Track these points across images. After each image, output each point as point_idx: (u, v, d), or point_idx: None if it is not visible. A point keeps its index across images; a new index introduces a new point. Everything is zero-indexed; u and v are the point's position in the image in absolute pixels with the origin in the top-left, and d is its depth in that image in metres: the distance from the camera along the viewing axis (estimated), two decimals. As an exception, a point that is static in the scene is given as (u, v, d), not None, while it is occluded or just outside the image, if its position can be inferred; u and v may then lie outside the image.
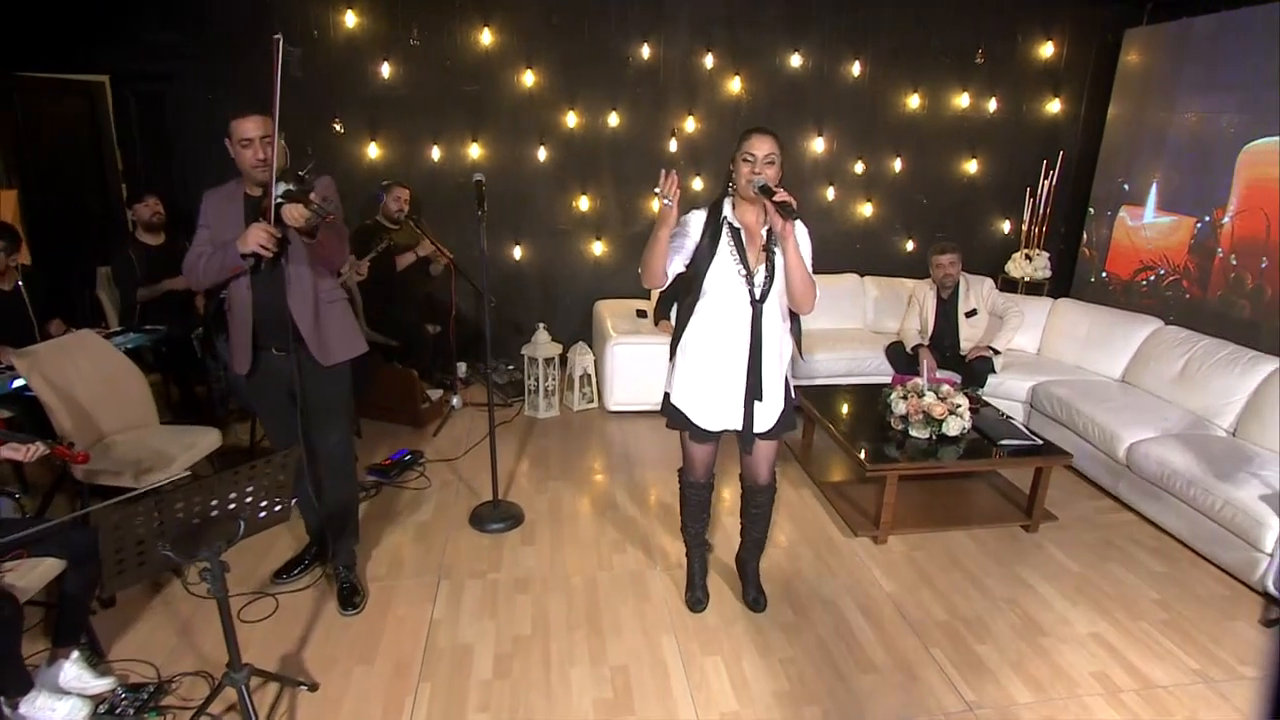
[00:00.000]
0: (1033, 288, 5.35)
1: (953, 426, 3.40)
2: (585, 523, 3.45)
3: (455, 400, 4.67)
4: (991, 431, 3.48)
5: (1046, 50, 5.19)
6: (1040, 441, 3.41)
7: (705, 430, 2.51)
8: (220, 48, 4.57)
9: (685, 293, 2.41)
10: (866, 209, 5.42)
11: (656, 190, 2.13)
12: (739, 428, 2.46)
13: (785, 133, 5.26)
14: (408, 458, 3.95)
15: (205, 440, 3.17)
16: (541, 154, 5.03)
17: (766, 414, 2.47)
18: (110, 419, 3.12)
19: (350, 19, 4.63)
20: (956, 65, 5.17)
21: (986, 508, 3.56)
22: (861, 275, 5.35)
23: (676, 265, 2.35)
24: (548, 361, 4.57)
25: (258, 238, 2.28)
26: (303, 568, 3.00)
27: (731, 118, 5.14)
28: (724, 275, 2.33)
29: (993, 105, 5.26)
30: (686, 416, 2.50)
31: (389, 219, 4.51)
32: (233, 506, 2.02)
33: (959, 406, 3.43)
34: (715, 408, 2.46)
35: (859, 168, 5.32)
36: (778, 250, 2.32)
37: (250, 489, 2.03)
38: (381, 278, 4.49)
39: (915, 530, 3.37)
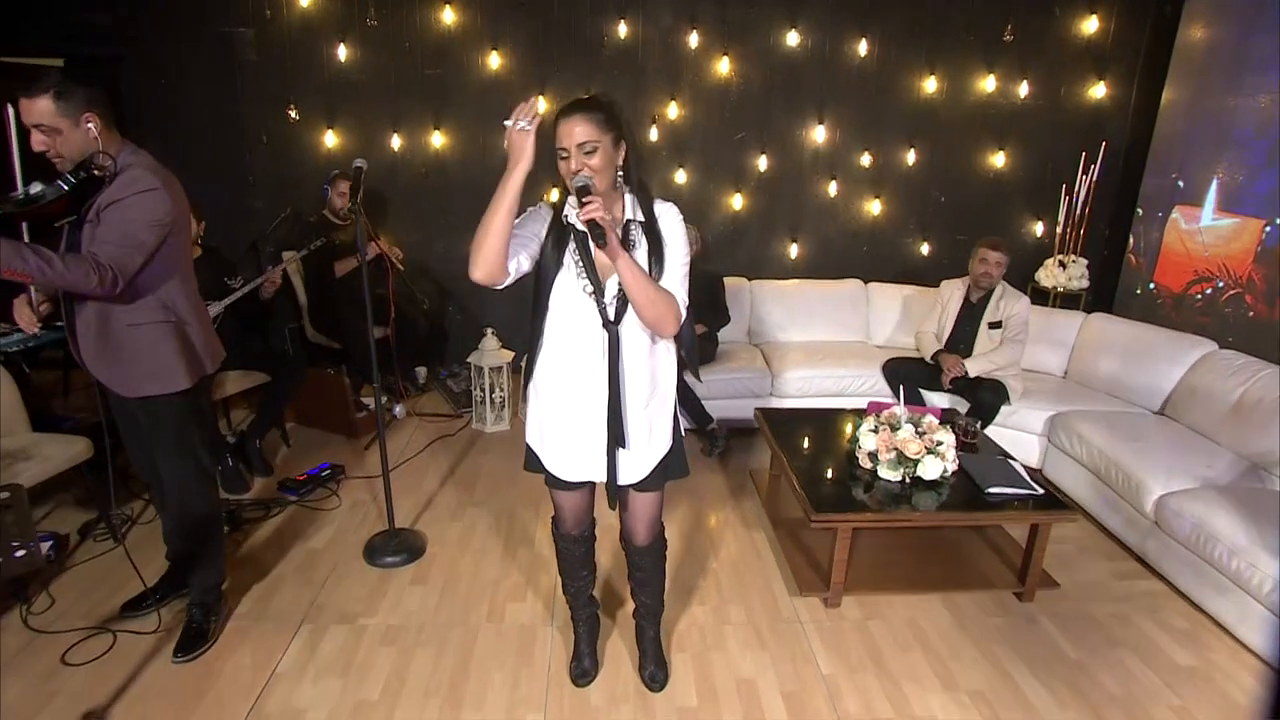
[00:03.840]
0: (1068, 300, 4.64)
1: (930, 469, 2.81)
2: (491, 560, 3.00)
3: (398, 409, 4.30)
4: (980, 475, 2.86)
5: (1090, 25, 4.47)
6: (1039, 491, 2.78)
7: (565, 481, 2.03)
8: (165, 30, 4.31)
9: (532, 311, 1.92)
10: (874, 207, 4.81)
11: (506, 121, 1.60)
12: (601, 480, 1.98)
13: (782, 120, 4.78)
14: (326, 473, 3.59)
15: (67, 451, 2.86)
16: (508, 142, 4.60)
17: (637, 462, 1.97)
18: (-33, 424, 2.85)
19: (303, -3, 4.32)
20: (981, 43, 4.51)
21: (973, 567, 2.94)
22: (866, 281, 4.74)
23: (523, 262, 1.79)
24: (495, 370, 4.14)
25: None
26: (155, 600, 2.64)
27: (720, 103, 4.61)
28: (569, 292, 1.85)
29: (1024, 90, 4.57)
30: (542, 463, 2.03)
31: (335, 215, 4.17)
32: (-60, 553, 1.65)
33: (940, 444, 2.84)
34: (574, 454, 1.98)
35: (865, 160, 4.71)
36: (636, 255, 1.82)
37: (-39, 532, 1.66)
38: (323, 278, 4.15)
39: (877, 591, 2.79)
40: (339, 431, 4.08)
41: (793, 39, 4.48)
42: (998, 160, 4.69)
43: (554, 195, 1.94)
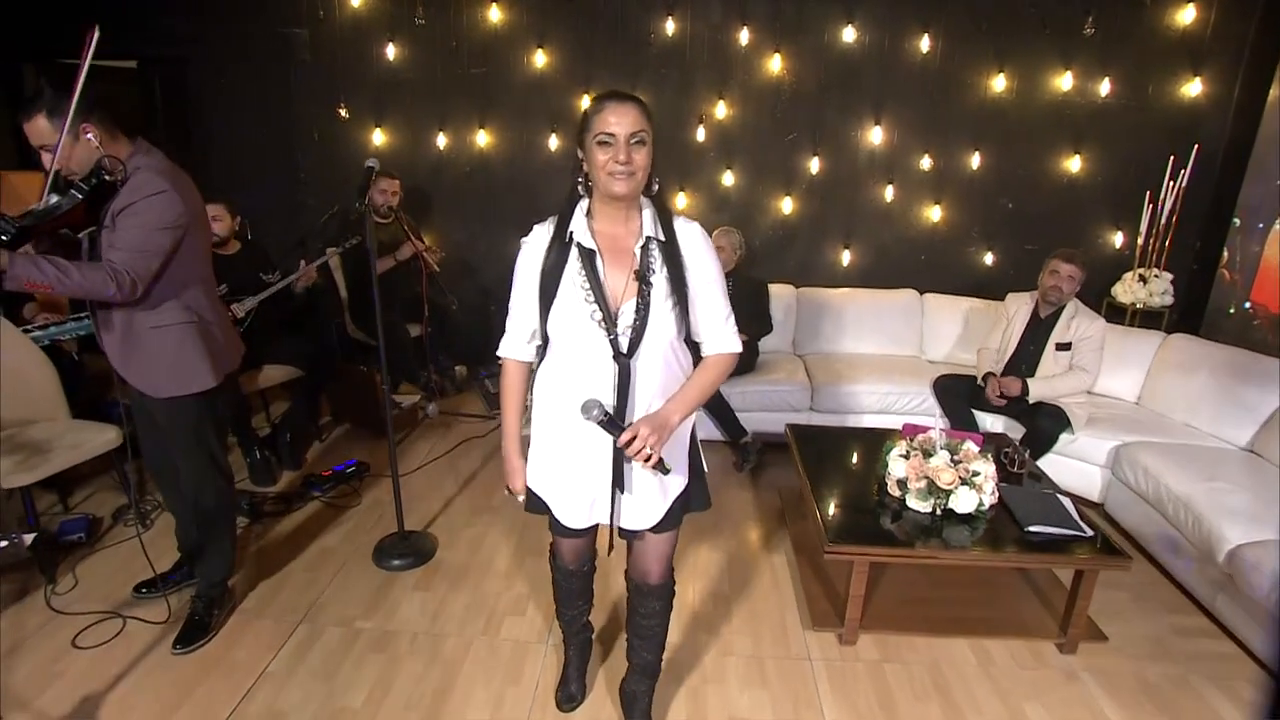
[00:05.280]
0: (1149, 318, 4.22)
1: (963, 501, 2.57)
2: (498, 570, 2.93)
3: (431, 408, 4.30)
4: (1022, 511, 2.60)
5: (1185, 15, 4.05)
6: (1087, 532, 2.50)
7: (570, 527, 1.84)
8: (227, 31, 4.44)
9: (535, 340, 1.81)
10: (934, 213, 4.51)
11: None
12: (607, 523, 1.80)
13: (836, 120, 4.54)
14: (351, 470, 3.61)
15: (98, 439, 2.95)
16: (553, 142, 4.56)
17: (649, 505, 1.77)
18: (12, 409, 2.97)
19: (355, -3, 4.38)
20: (1058, 38, 4.15)
21: (1010, 611, 2.67)
22: (922, 292, 4.45)
23: (536, 335, 1.76)
24: (526, 373, 4.07)
25: None
26: (162, 588, 2.69)
27: (770, 103, 4.42)
28: (572, 318, 1.64)
29: (1105, 88, 4.18)
30: (546, 505, 1.84)
31: (376, 213, 4.20)
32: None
33: (976, 475, 2.59)
34: (580, 498, 1.77)
35: (925, 163, 4.42)
36: (655, 280, 1.63)
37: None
38: (361, 276, 4.19)
39: (899, 631, 2.57)
40: (371, 428, 4.11)
41: (849, 35, 4.25)
42: (1073, 164, 4.31)
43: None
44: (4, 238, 1.89)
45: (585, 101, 4.46)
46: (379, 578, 2.87)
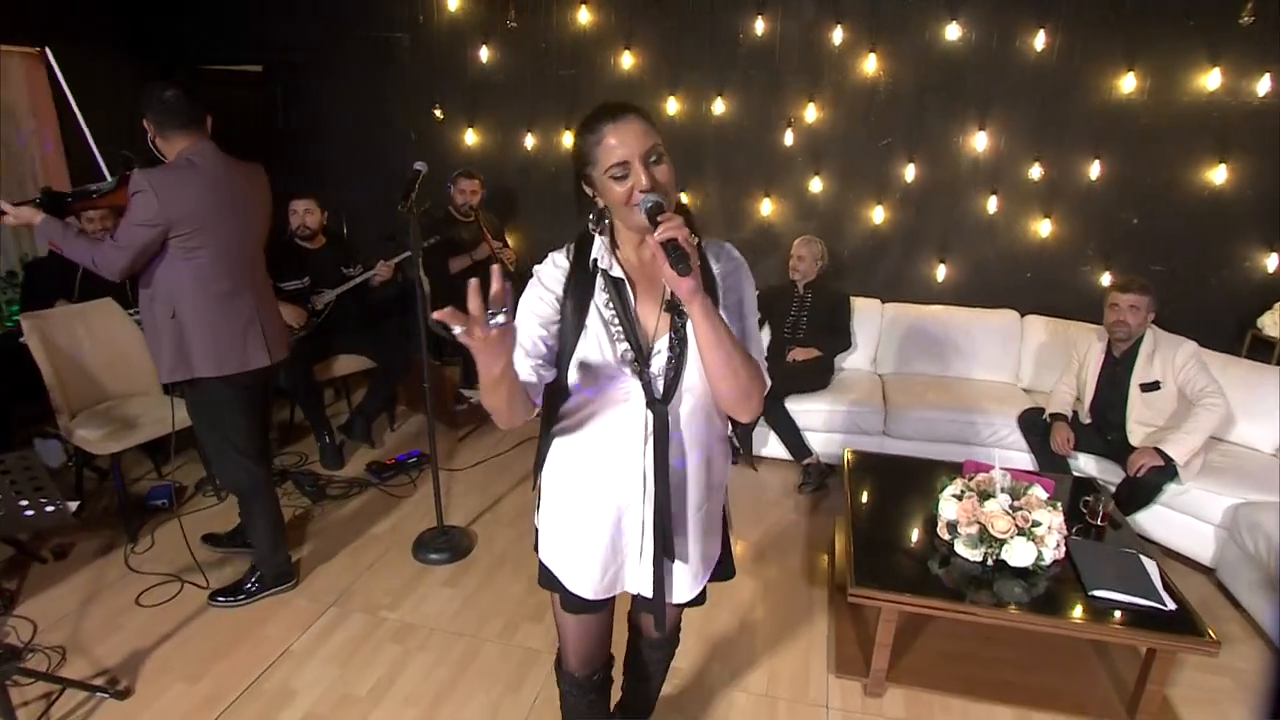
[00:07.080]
0: (1302, 357, 3.61)
1: (1017, 554, 2.28)
2: (528, 574, 2.91)
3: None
4: (1090, 571, 2.28)
5: (1374, 0, 3.42)
6: (1168, 605, 2.15)
7: (587, 601, 1.56)
8: (334, 37, 4.72)
9: (549, 388, 1.47)
10: (1043, 227, 4.06)
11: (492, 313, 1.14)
12: (639, 592, 1.55)
13: (936, 125, 4.23)
14: (413, 460, 3.74)
15: (181, 414, 3.21)
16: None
17: (689, 578, 1.56)
18: (116, 383, 3.30)
19: (453, 1, 4.52)
20: (1207, 29, 3.62)
21: (1069, 681, 2.35)
22: (1023, 314, 4.04)
23: (544, 371, 1.37)
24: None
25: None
26: (231, 540, 2.96)
27: (865, 105, 4.15)
28: (598, 360, 1.39)
29: (1264, 85, 3.59)
30: (558, 579, 1.56)
31: (458, 212, 4.33)
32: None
33: (1035, 526, 2.30)
34: (601, 568, 1.52)
35: (1035, 172, 3.99)
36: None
37: (-10, 487, 1.88)
38: (439, 274, 4.33)
39: (933, 688, 2.33)
40: (440, 421, 4.24)
41: (953, 32, 3.90)
42: (1216, 175, 3.75)
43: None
44: (35, 201, 2.24)
45: (672, 104, 4.38)
46: (413, 570, 2.94)
